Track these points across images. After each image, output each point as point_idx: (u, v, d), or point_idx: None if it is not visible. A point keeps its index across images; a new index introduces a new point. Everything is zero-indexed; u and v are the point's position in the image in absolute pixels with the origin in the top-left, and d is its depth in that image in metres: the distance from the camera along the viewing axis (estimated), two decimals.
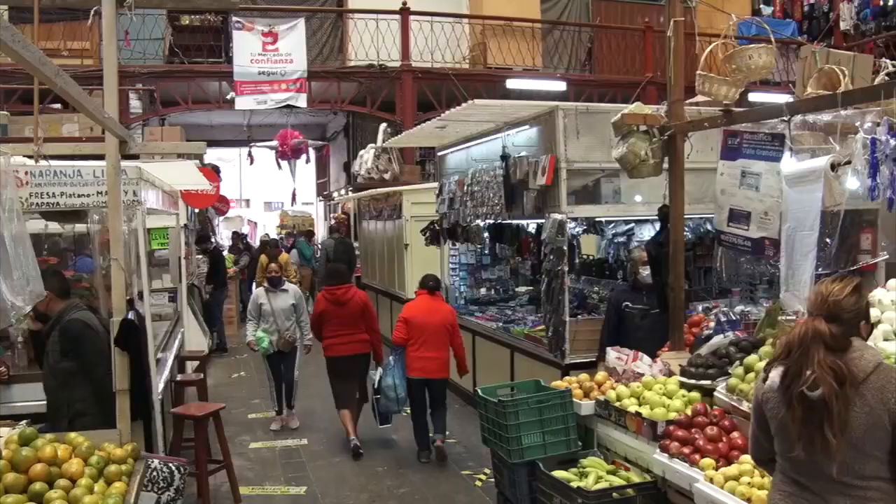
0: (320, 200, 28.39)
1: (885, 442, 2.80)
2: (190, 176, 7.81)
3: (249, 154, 19.90)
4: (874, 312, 4.75)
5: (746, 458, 4.16)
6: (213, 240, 16.12)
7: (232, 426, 8.98)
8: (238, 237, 22.24)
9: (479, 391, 5.79)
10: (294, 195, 19.97)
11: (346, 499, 7.01)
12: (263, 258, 14.29)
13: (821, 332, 2.89)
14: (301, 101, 16.04)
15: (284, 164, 18.01)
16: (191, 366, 9.35)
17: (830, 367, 2.82)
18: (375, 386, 8.10)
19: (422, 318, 7.90)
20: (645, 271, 6.75)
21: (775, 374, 3.04)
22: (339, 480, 7.46)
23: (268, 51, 15.70)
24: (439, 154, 11.11)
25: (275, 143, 17.28)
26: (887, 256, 5.51)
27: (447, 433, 8.14)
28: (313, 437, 8.89)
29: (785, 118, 4.88)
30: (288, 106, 16.12)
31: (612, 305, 6.96)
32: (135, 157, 7.30)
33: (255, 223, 37.04)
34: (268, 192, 38.94)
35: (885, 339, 4.56)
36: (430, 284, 8.12)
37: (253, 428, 9.29)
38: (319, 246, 18.98)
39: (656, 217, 7.60)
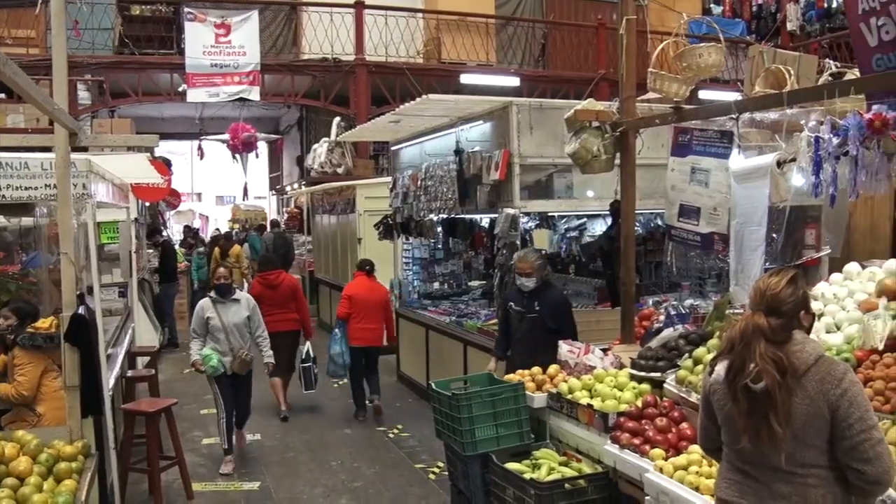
0: (273, 194, 28.19)
1: (825, 432, 2.89)
2: (140, 169, 7.75)
3: (199, 148, 19.65)
4: (817, 305, 4.89)
5: (695, 448, 4.24)
6: (164, 233, 15.90)
7: (184, 422, 8.88)
8: (189, 231, 21.99)
9: (432, 385, 5.81)
10: (246, 189, 19.80)
11: (300, 493, 6.99)
12: (217, 252, 14.27)
13: (760, 325, 2.97)
14: (254, 94, 15.90)
15: (237, 157, 17.83)
16: (142, 361, 9.24)
17: (772, 359, 2.90)
18: (303, 357, 9.39)
19: (363, 296, 9.17)
20: (527, 281, 6.44)
21: (720, 368, 3.12)
22: (292, 475, 7.44)
23: (220, 43, 15.54)
24: (393, 148, 11.11)
25: (226, 136, 17.09)
26: (830, 251, 5.65)
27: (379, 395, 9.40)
28: (266, 432, 8.83)
29: (733, 116, 4.99)
30: (241, 99, 15.98)
31: (503, 303, 6.98)
32: (83, 149, 7.19)
33: (207, 217, 36.59)
34: (220, 185, 38.50)
35: (828, 332, 4.69)
36: (367, 268, 9.42)
37: (205, 424, 9.19)
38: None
39: (608, 212, 7.71)
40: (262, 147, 22.87)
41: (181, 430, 7.66)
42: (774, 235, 4.73)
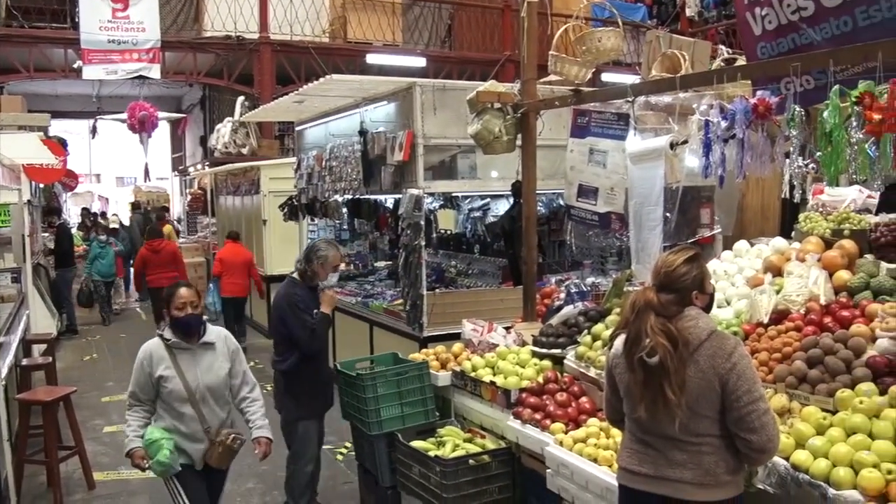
0: (176, 175, 27.49)
1: (716, 403, 3.04)
2: (33, 149, 7.47)
3: (93, 127, 19.03)
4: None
5: (594, 421, 4.39)
6: (63, 216, 15.39)
7: (84, 410, 8.67)
8: (88, 214, 21.29)
9: (337, 365, 5.82)
10: (147, 171, 19.27)
11: None
12: (168, 230, 15.09)
13: (649, 300, 3.10)
14: (154, 72, 15.48)
15: (137, 137, 17.33)
16: (38, 349, 8.94)
17: (662, 331, 3.03)
18: None
19: (230, 258, 11.82)
20: (332, 276, 5.88)
21: (619, 342, 3.25)
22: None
23: (118, 18, 15.03)
24: (298, 129, 11.00)
25: (124, 115, 16.59)
26: (719, 230, 5.85)
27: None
28: None
29: (629, 99, 5.12)
30: (140, 77, 15.52)
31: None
32: None
33: (107, 199, 35.46)
34: (120, 166, 37.34)
35: (719, 307, 4.88)
36: (234, 234, 12.31)
37: (107, 411, 8.99)
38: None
39: (510, 192, 7.81)
40: (164, 127, 22.30)
41: (82, 419, 7.49)
42: (668, 215, 4.89)
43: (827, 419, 3.40)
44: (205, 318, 4.85)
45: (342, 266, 6.39)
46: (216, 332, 4.83)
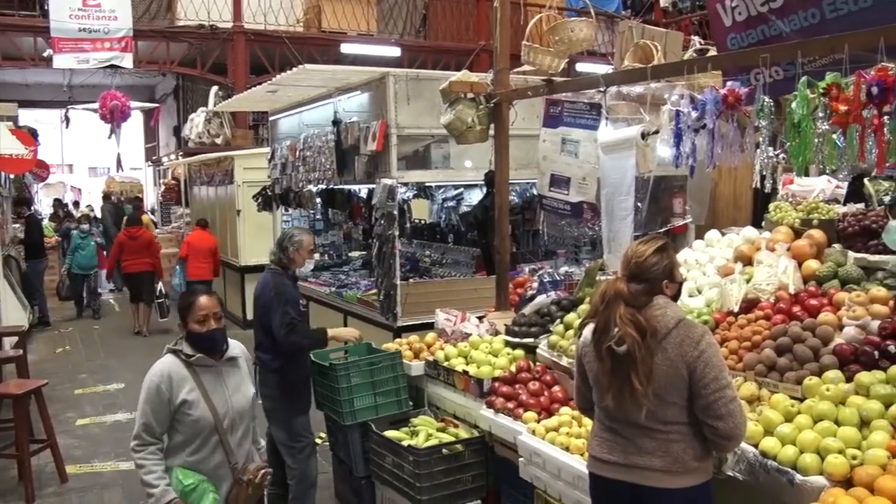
0: (149, 166, 27.25)
1: (684, 391, 3.07)
2: (1, 139, 7.37)
3: (66, 117, 18.79)
4: (680, 271, 5.12)
5: (566, 409, 4.42)
6: (33, 207, 15.20)
7: (57, 403, 8.61)
8: (60, 204, 21.08)
9: (311, 356, 5.80)
10: (119, 161, 19.09)
11: None
12: (146, 220, 15.04)
13: (620, 290, 3.12)
14: (126, 61, 15.29)
15: (110, 127, 17.14)
16: (9, 342, 8.85)
17: (631, 321, 3.05)
18: (157, 294, 12.98)
19: (196, 243, 12.64)
20: (308, 263, 5.94)
21: (588, 331, 3.28)
22: None
23: (89, 6, 14.84)
24: (272, 119, 10.94)
25: (96, 105, 16.39)
26: (690, 220, 5.91)
27: None
28: None
29: (601, 89, 5.14)
30: (112, 66, 15.33)
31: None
32: None
33: (80, 190, 35.12)
34: (93, 157, 37.00)
35: (690, 296, 4.93)
36: (202, 222, 13.24)
37: (80, 404, 8.93)
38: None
39: (483, 182, 7.83)
40: (137, 117, 22.08)
41: (54, 412, 7.43)
42: (640, 204, 4.93)
43: (795, 406, 3.44)
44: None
45: (316, 256, 6.33)
46: (236, 345, 4.08)
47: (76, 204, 21.35)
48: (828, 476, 3.03)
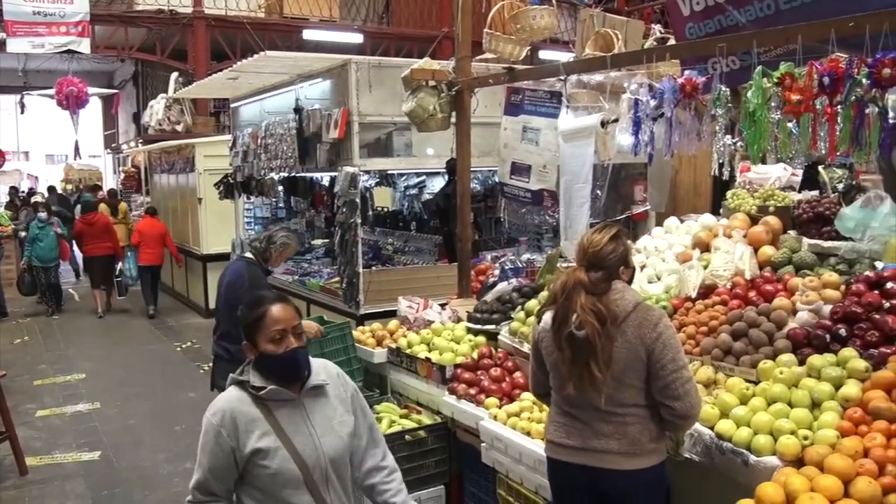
0: (108, 153, 26.92)
1: (642, 373, 3.13)
2: None
3: (21, 103, 18.48)
4: (640, 258, 5.20)
5: (527, 395, 4.46)
6: None
7: (16, 395, 8.49)
8: (16, 192, 20.74)
9: None
10: (77, 148, 18.83)
11: (143, 460, 6.85)
12: (104, 206, 15.28)
13: (581, 280, 3.17)
14: (84, 46, 15.07)
15: (67, 113, 16.88)
16: None
17: (592, 310, 3.10)
18: (116, 273, 14.01)
19: (147, 230, 13.18)
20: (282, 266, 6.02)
21: (547, 317, 3.32)
22: (135, 443, 7.27)
23: None
24: (233, 106, 10.87)
25: (52, 91, 16.14)
26: (648, 207, 5.98)
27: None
28: (106, 399, 8.58)
29: (562, 77, 5.18)
30: (69, 51, 15.09)
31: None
32: None
33: (37, 177, 34.57)
34: (50, 143, 36.44)
35: (650, 282, 5.01)
36: (151, 210, 13.93)
37: (39, 395, 8.82)
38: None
39: (446, 170, 7.85)
40: (96, 103, 21.77)
41: (13, 404, 7.36)
42: (599, 192, 4.98)
43: (750, 389, 3.51)
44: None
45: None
46: (321, 366, 3.04)
47: (31, 192, 20.96)
48: (780, 456, 3.10)
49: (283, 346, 2.83)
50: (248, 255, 5.67)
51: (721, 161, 4.13)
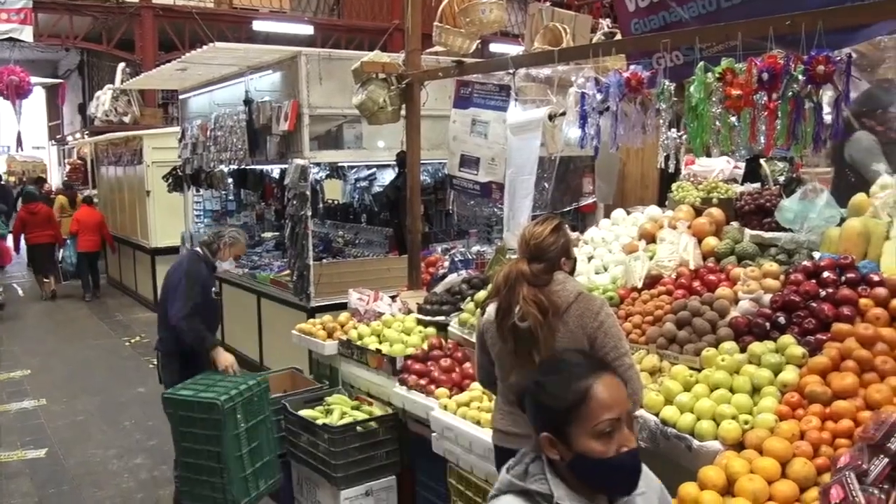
0: (53, 145, 26.39)
1: None
2: None
3: None
4: (587, 249, 5.29)
5: (477, 385, 4.50)
6: None
7: None
8: None
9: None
10: (20, 139, 18.44)
11: (92, 457, 6.78)
12: (62, 199, 16.03)
13: (523, 271, 3.21)
14: (26, 34, 14.78)
15: (9, 104, 16.51)
16: None
17: (534, 301, 3.15)
18: (60, 258, 14.57)
19: (85, 219, 13.99)
20: (230, 263, 5.92)
21: (491, 308, 3.37)
22: (83, 439, 7.19)
23: None
24: (182, 97, 10.74)
25: None
26: (596, 199, 6.07)
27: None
28: (53, 395, 8.45)
29: (511, 71, 5.23)
30: (10, 39, 14.78)
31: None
32: None
33: None
34: None
35: (597, 273, 5.09)
36: (88, 199, 14.71)
37: None
38: None
39: (396, 162, 7.87)
40: (39, 93, 21.34)
41: None
42: (546, 184, 5.05)
43: (693, 377, 3.60)
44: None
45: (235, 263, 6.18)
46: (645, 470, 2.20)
47: None
48: (722, 440, 3.20)
49: (617, 444, 1.95)
50: (198, 248, 5.70)
51: (667, 154, 4.21)
